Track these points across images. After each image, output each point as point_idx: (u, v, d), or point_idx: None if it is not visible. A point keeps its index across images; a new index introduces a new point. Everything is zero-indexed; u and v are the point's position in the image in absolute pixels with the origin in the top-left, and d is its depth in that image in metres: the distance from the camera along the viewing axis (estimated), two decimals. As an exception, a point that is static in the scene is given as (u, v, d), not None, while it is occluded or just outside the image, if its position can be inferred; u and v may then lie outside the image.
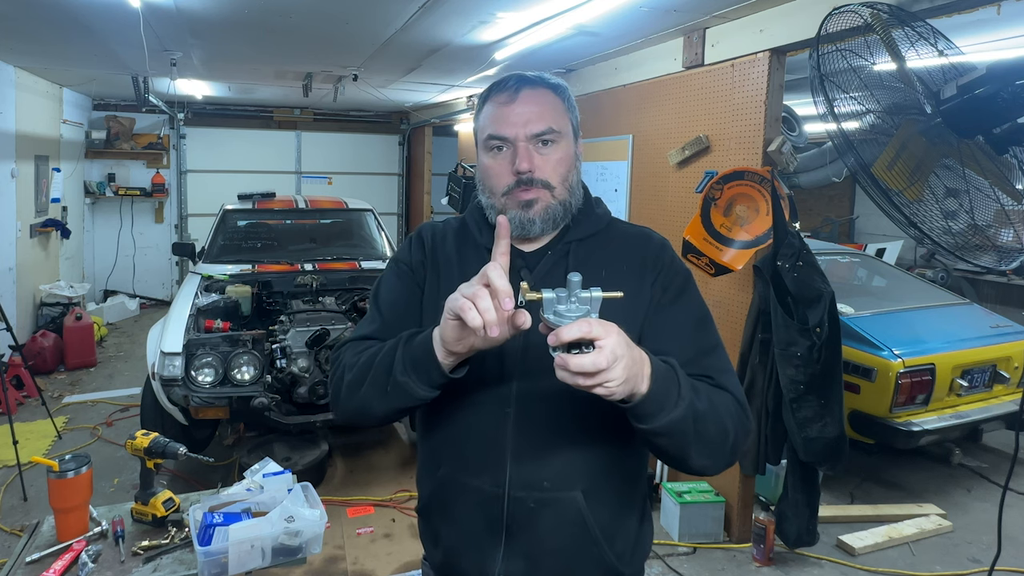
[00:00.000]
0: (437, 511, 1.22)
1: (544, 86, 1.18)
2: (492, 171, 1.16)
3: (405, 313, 1.22)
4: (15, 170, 5.52)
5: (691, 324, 1.17)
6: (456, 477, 1.17)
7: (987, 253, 2.22)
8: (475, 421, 1.15)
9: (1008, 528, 2.56)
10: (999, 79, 1.99)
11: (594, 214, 1.24)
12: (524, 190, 1.13)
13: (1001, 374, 4.02)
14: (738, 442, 1.09)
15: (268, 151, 8.93)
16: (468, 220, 1.26)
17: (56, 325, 5.93)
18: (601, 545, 1.14)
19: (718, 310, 3.37)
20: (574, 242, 1.19)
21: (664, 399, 0.96)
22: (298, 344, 3.60)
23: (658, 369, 0.97)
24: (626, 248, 1.21)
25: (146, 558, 1.71)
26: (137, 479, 1.92)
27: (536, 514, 1.12)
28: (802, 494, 3.01)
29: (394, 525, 3.39)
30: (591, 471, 1.14)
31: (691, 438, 1.01)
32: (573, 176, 1.18)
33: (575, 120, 1.20)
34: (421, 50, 4.33)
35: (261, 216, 5.30)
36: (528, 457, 1.12)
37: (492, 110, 1.17)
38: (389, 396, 1.08)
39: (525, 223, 1.14)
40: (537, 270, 1.17)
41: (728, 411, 1.07)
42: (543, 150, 1.14)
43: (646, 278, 1.17)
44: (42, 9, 3.56)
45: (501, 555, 1.14)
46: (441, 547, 1.23)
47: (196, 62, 5.04)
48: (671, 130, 3.65)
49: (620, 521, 1.17)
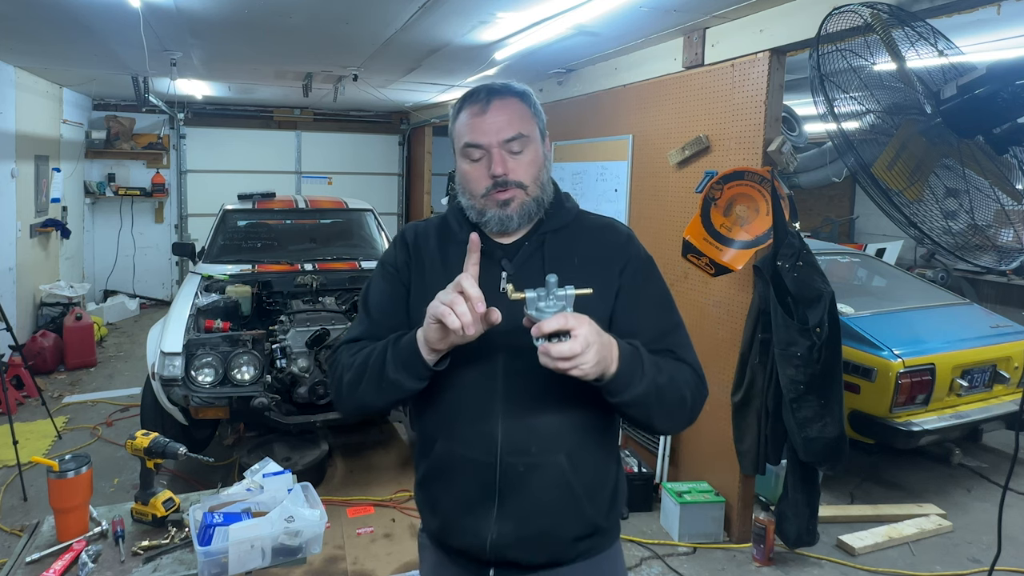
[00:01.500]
0: (435, 482, 1.34)
1: (511, 95, 1.30)
2: (471, 176, 1.29)
3: (393, 313, 1.35)
4: (15, 170, 5.52)
5: (656, 306, 1.33)
6: (452, 450, 1.29)
7: (987, 253, 2.22)
8: (466, 399, 1.27)
9: (1008, 528, 2.56)
10: (999, 79, 1.99)
11: (563, 207, 1.37)
12: (500, 191, 1.27)
13: (1001, 374, 4.02)
14: (696, 407, 1.28)
15: (268, 151, 8.93)
16: (449, 218, 1.39)
17: (56, 325, 5.93)
18: (583, 501, 1.28)
19: (718, 310, 3.37)
20: (548, 233, 1.33)
21: (630, 377, 1.14)
22: (298, 344, 3.60)
23: (624, 351, 1.14)
24: (595, 238, 1.36)
25: (146, 558, 1.71)
26: (137, 479, 1.92)
27: (525, 477, 1.25)
28: (802, 494, 3.01)
29: (394, 525, 3.39)
30: (573, 436, 1.27)
31: (654, 407, 1.20)
32: (543, 175, 1.32)
33: (542, 124, 1.34)
34: (421, 50, 4.33)
35: (261, 216, 5.30)
36: (516, 427, 1.25)
37: (466, 119, 1.29)
38: (384, 392, 1.24)
39: (504, 220, 1.28)
40: (516, 259, 1.31)
41: (686, 381, 1.25)
42: (515, 154, 1.27)
43: (615, 266, 1.32)
44: (42, 9, 3.57)
45: (494, 517, 1.26)
46: (439, 515, 1.34)
47: (196, 62, 5.04)
48: (671, 130, 3.65)
49: (599, 479, 1.32)
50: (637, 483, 3.56)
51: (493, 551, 1.26)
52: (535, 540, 1.27)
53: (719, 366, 3.33)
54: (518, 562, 1.28)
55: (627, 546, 3.24)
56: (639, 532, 3.37)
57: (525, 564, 1.28)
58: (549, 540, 1.27)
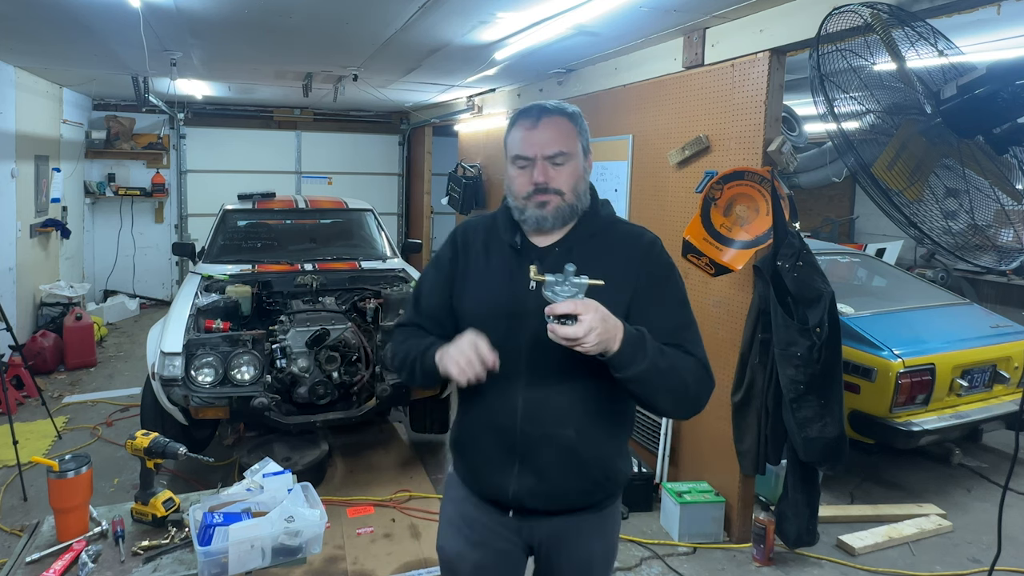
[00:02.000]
0: (468, 442, 1.60)
1: (561, 115, 1.48)
2: (517, 181, 1.49)
3: (438, 304, 1.61)
4: (15, 170, 5.52)
5: (673, 305, 1.50)
6: (482, 418, 1.55)
7: (987, 253, 2.22)
8: (498, 380, 1.45)
9: (1008, 528, 2.56)
10: (999, 79, 1.99)
11: (598, 216, 1.55)
12: (540, 195, 1.46)
13: (1001, 374, 4.02)
14: (701, 395, 1.46)
15: (268, 151, 8.93)
16: (499, 217, 1.59)
17: (56, 325, 5.93)
18: (590, 467, 1.51)
19: (718, 310, 3.37)
20: (577, 241, 1.51)
21: (632, 356, 1.32)
22: (298, 344, 3.60)
23: (630, 335, 1.32)
24: (622, 244, 1.53)
25: (146, 558, 1.71)
26: (137, 479, 1.92)
27: (540, 443, 1.48)
28: (802, 494, 3.01)
29: (394, 525, 3.39)
30: (580, 417, 1.48)
31: (656, 386, 1.38)
32: (581, 185, 1.50)
33: (585, 142, 1.52)
34: (421, 50, 4.33)
35: (261, 216, 5.29)
36: (534, 404, 1.47)
37: (519, 134, 1.48)
38: (418, 382, 1.57)
39: (540, 219, 1.48)
40: (546, 262, 1.48)
41: (689, 371, 1.42)
42: (556, 166, 1.45)
43: (636, 267, 1.49)
44: (42, 9, 3.57)
45: (515, 474, 1.50)
46: (470, 466, 1.60)
47: (196, 62, 5.04)
48: (671, 130, 3.65)
49: (603, 452, 1.53)
50: (637, 483, 3.56)
51: (514, 500, 1.51)
52: (549, 494, 1.51)
53: (719, 366, 3.32)
54: (536, 509, 1.53)
55: (627, 546, 3.24)
56: (639, 532, 3.37)
57: (542, 511, 1.53)
58: (561, 494, 1.51)
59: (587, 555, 1.59)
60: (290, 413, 3.56)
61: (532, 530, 1.57)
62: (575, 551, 1.58)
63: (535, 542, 1.58)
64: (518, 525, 1.57)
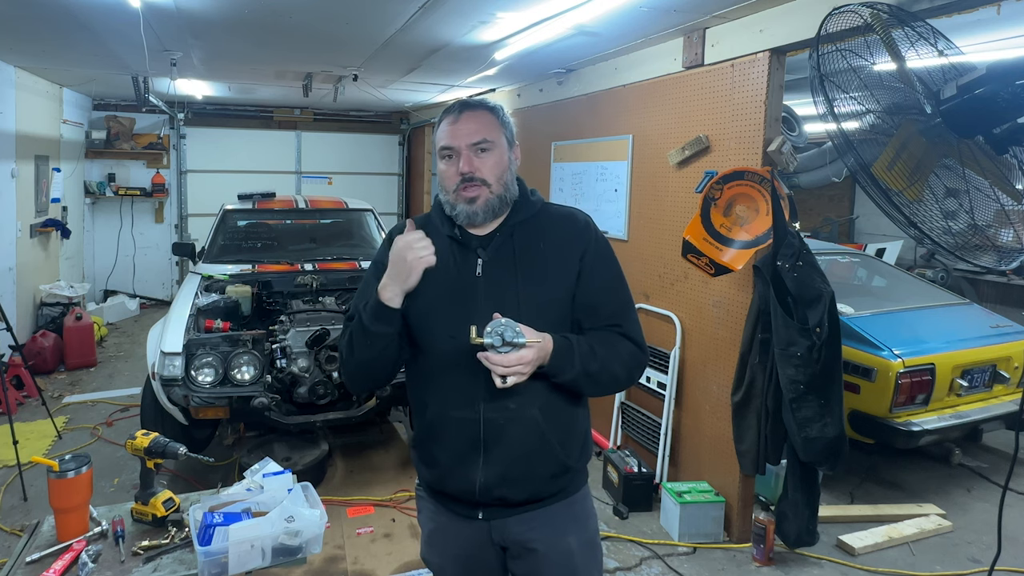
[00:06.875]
0: (430, 440, 1.58)
1: (482, 108, 1.53)
2: (445, 174, 1.52)
3: None
4: (15, 170, 5.52)
5: (610, 288, 1.58)
6: (442, 412, 1.54)
7: (987, 253, 2.22)
8: (454, 370, 1.49)
9: (1008, 528, 2.56)
10: (999, 79, 1.99)
11: (529, 201, 1.59)
12: (467, 187, 1.48)
13: (1001, 374, 4.02)
14: (633, 376, 1.59)
15: (268, 151, 8.93)
16: (433, 215, 1.61)
17: (56, 325, 5.93)
18: (555, 447, 1.53)
19: (718, 310, 3.37)
20: (516, 224, 1.55)
21: (562, 367, 1.46)
22: (298, 344, 3.60)
23: (559, 347, 1.45)
24: (558, 226, 1.58)
25: (146, 558, 1.71)
26: (137, 479, 1.92)
27: (506, 429, 1.50)
28: (802, 494, 3.02)
29: (394, 525, 3.39)
30: (545, 395, 1.51)
31: (587, 385, 1.51)
32: (507, 175, 1.53)
33: (510, 134, 1.56)
34: (421, 50, 4.33)
35: (261, 216, 5.30)
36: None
37: (444, 127, 1.52)
38: (372, 343, 1.48)
39: (471, 215, 1.50)
40: (490, 248, 1.53)
41: (623, 361, 1.53)
42: (481, 156, 1.49)
43: (576, 250, 1.54)
44: (42, 9, 3.56)
45: (481, 464, 1.51)
46: (435, 467, 1.58)
47: (196, 62, 5.04)
48: (671, 130, 3.65)
49: (568, 429, 1.57)
50: (637, 483, 3.56)
51: (482, 492, 1.51)
52: (517, 480, 1.51)
53: (719, 366, 3.32)
54: (504, 499, 1.52)
55: (627, 546, 3.24)
56: (639, 532, 3.37)
57: (511, 502, 1.53)
58: (528, 479, 1.53)
59: (566, 550, 1.57)
60: (290, 413, 3.56)
61: (504, 530, 1.55)
62: (552, 547, 1.55)
63: (508, 543, 1.57)
64: (489, 527, 1.55)
